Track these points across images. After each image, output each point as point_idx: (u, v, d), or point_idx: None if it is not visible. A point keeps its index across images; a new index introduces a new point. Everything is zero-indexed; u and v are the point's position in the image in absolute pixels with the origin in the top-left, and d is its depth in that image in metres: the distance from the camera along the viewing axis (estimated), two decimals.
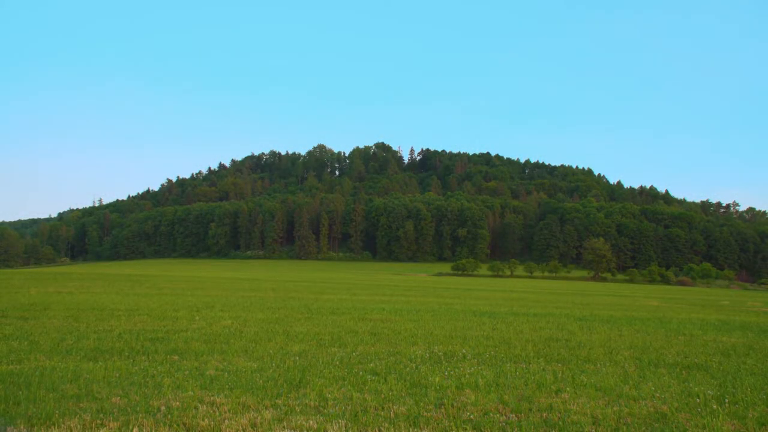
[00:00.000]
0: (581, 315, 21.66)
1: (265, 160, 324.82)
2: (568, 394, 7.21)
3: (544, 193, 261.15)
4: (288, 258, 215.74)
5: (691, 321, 21.03)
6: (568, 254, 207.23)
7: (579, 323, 17.65)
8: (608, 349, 11.56)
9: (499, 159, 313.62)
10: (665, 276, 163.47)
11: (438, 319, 17.33)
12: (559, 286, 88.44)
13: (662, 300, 45.40)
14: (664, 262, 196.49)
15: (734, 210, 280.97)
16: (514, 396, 7.03)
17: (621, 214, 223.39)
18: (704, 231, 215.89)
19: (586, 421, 6.01)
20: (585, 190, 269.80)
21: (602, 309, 27.43)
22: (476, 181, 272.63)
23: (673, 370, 9.36)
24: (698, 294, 76.83)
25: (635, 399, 7.07)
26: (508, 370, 8.85)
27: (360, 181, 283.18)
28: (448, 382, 7.71)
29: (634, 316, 22.23)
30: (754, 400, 7.32)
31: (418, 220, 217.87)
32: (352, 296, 30.95)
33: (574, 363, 9.76)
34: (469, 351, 10.73)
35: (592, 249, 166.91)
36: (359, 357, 9.69)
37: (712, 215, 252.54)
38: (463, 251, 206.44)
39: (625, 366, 9.59)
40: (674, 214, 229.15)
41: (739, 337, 15.36)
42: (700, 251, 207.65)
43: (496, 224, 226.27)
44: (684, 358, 10.80)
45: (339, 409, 6.25)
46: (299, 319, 16.14)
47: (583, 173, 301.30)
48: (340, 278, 77.87)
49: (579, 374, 8.64)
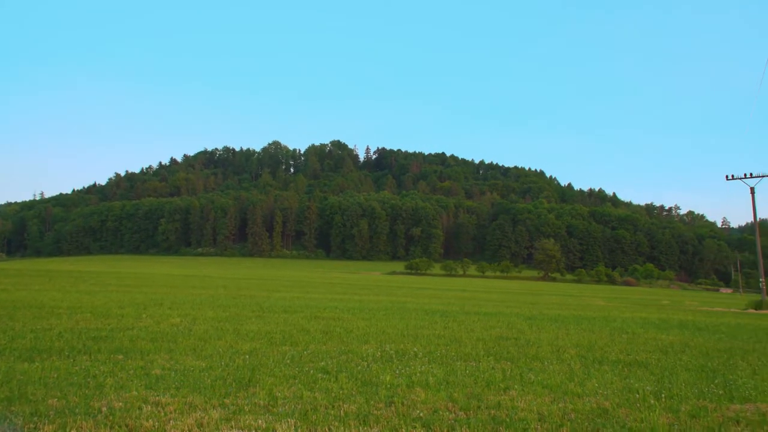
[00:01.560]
0: (531, 314, 22.08)
1: (218, 156, 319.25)
2: (515, 392, 7.33)
3: (497, 194, 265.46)
4: (240, 255, 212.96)
5: (633, 320, 21.71)
6: (520, 254, 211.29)
7: (528, 322, 17.98)
8: (555, 348, 11.81)
9: (454, 159, 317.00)
10: (611, 276, 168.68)
11: (390, 318, 17.38)
12: (510, 285, 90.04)
13: (608, 299, 46.76)
14: (611, 263, 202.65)
15: (675, 213, 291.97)
16: (464, 394, 7.10)
17: (571, 215, 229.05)
18: (648, 233, 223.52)
19: (532, 417, 6.12)
20: (537, 191, 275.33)
21: (551, 308, 28.05)
22: (431, 181, 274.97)
23: (616, 368, 9.64)
24: (641, 294, 79.51)
25: (579, 396, 7.24)
26: (458, 368, 8.93)
27: (315, 178, 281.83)
28: (399, 381, 7.73)
29: (580, 315, 22.80)
30: (688, 394, 7.63)
31: (372, 218, 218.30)
32: (305, 294, 30.76)
33: (523, 361, 9.93)
34: (421, 349, 10.79)
35: (542, 249, 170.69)
36: (310, 355, 9.63)
37: (656, 218, 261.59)
38: (417, 250, 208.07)
39: (571, 364, 9.81)
40: (621, 216, 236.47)
41: (677, 335, 15.95)
42: (644, 252, 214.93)
43: (450, 224, 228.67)
44: (626, 355, 11.14)
45: (289, 407, 6.18)
46: (250, 317, 15.93)
47: (536, 175, 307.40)
48: (293, 276, 77.32)
49: (527, 372, 8.79)
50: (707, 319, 25.44)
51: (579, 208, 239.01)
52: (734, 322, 24.12)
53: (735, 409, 6.92)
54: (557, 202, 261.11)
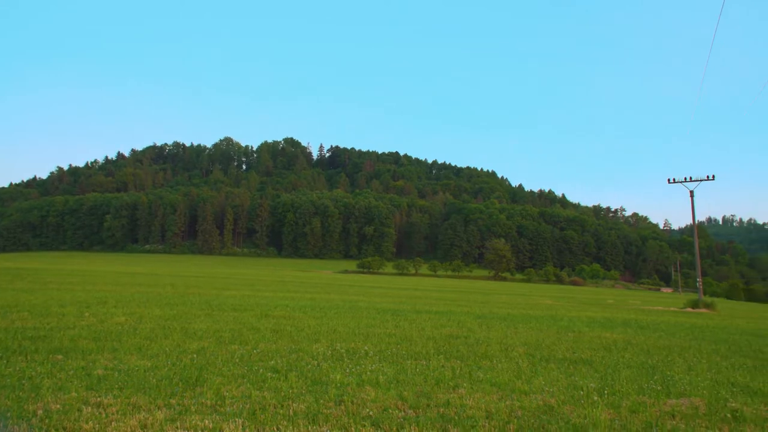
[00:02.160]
0: (481, 313, 22.38)
1: (168, 152, 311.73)
2: (464, 390, 7.41)
3: (449, 194, 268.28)
4: (190, 253, 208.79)
5: (580, 319, 22.28)
6: (471, 254, 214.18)
7: (478, 321, 18.22)
8: (504, 346, 12.00)
9: (408, 159, 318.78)
10: (559, 276, 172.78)
11: (342, 317, 17.33)
12: (462, 284, 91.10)
13: (555, 299, 47.82)
14: (559, 263, 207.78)
15: (621, 215, 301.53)
16: (414, 392, 7.14)
17: (521, 216, 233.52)
18: (595, 234, 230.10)
19: (480, 415, 6.20)
20: (489, 191, 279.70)
21: (500, 307, 28.49)
22: (384, 180, 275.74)
23: (562, 365, 9.86)
24: (587, 293, 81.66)
25: (526, 393, 7.38)
26: (408, 366, 8.97)
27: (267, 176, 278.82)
28: (349, 379, 7.72)
29: (529, 314, 23.24)
30: (629, 390, 7.89)
31: (325, 217, 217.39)
32: (256, 292, 30.36)
33: (472, 359, 10.04)
34: (372, 348, 10.79)
35: (493, 249, 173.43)
36: (260, 354, 9.51)
37: (603, 219, 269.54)
38: (370, 249, 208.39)
39: (519, 362, 9.98)
40: (569, 217, 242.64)
41: (620, 333, 16.44)
42: (591, 253, 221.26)
43: (403, 223, 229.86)
44: (572, 353, 11.41)
45: (237, 407, 6.09)
46: (199, 315, 15.62)
47: (488, 175, 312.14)
48: (243, 274, 76.23)
49: (476, 370, 8.90)
50: (648, 317, 26.32)
51: (529, 209, 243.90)
52: (673, 320, 25.03)
53: (671, 403, 7.19)
54: (508, 202, 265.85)
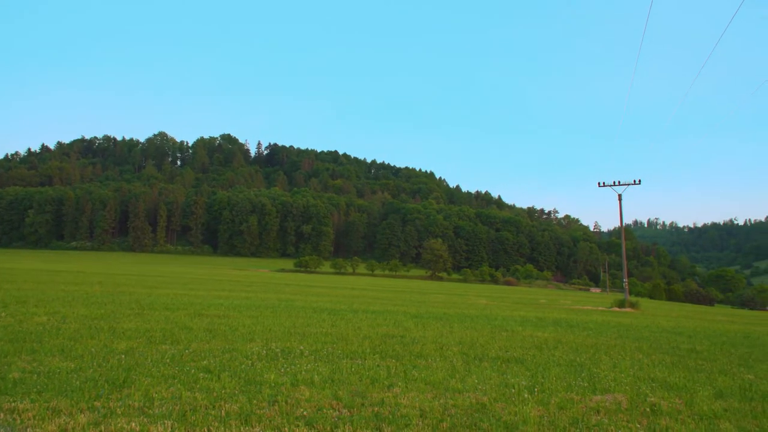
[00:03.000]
0: (417, 312, 22.58)
1: (97, 145, 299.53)
2: (399, 389, 7.45)
3: (388, 194, 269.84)
4: (120, 250, 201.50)
5: (513, 318, 22.81)
6: (409, 253, 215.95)
7: (414, 320, 18.37)
8: (439, 345, 12.13)
9: (347, 158, 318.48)
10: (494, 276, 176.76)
11: (277, 316, 17.13)
12: (399, 284, 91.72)
13: (490, 298, 48.83)
14: (494, 263, 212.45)
15: (554, 217, 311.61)
16: (348, 391, 7.13)
17: (458, 216, 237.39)
18: (529, 235, 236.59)
19: (414, 414, 6.25)
20: (427, 192, 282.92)
21: (437, 307, 28.83)
22: (323, 179, 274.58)
23: (495, 364, 10.07)
24: (521, 293, 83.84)
25: (460, 391, 7.49)
26: (344, 366, 8.95)
27: (203, 172, 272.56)
28: (284, 379, 7.63)
29: (464, 314, 23.62)
30: (558, 387, 8.13)
31: (262, 215, 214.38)
32: (189, 291, 29.60)
33: (407, 358, 10.11)
34: (307, 347, 10.71)
35: (430, 249, 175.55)
36: (192, 354, 9.27)
37: (537, 221, 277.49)
38: (307, 248, 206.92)
39: (454, 361, 10.12)
40: (505, 218, 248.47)
41: (551, 332, 16.95)
42: (525, 253, 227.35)
43: (341, 222, 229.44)
44: (505, 352, 11.66)
45: (166, 409, 5.91)
46: (128, 314, 15.08)
47: (426, 176, 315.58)
48: (177, 272, 74.18)
49: (411, 369, 8.96)
50: (578, 317, 27.24)
51: (466, 210, 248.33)
52: (601, 319, 26.00)
53: (597, 399, 7.46)
54: (446, 203, 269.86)
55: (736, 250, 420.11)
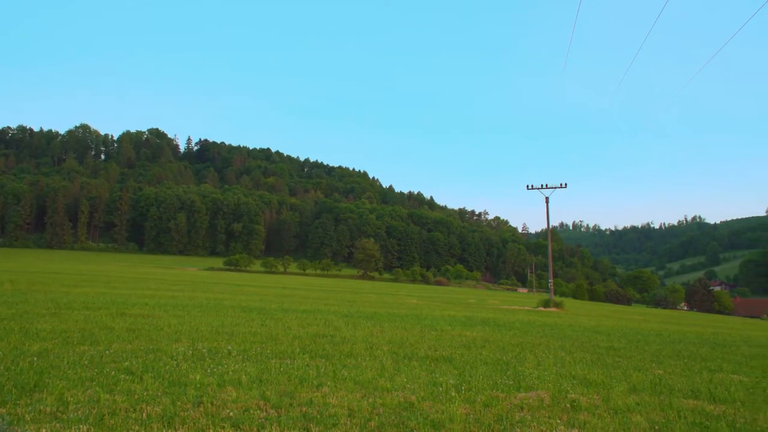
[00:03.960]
0: (348, 312, 22.57)
1: (11, 136, 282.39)
2: (328, 388, 7.42)
3: (321, 193, 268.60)
4: (36, 247, 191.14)
5: (443, 318, 23.17)
6: (341, 253, 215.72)
7: (345, 320, 18.35)
8: (369, 345, 12.17)
9: (279, 156, 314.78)
10: (425, 276, 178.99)
11: (205, 315, 16.73)
12: (330, 283, 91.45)
13: (421, 298, 49.42)
14: (425, 263, 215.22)
15: (484, 218, 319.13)
16: (277, 392, 7.04)
17: (391, 216, 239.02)
18: (460, 236, 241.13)
19: (342, 413, 6.24)
20: (360, 192, 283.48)
21: (368, 306, 28.93)
22: (255, 176, 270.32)
23: (424, 363, 10.19)
24: (451, 293, 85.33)
25: (389, 390, 7.54)
26: (273, 366, 8.84)
27: (129, 167, 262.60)
28: (210, 380, 7.45)
29: (395, 313, 23.79)
30: (484, 385, 8.31)
31: (191, 212, 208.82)
32: (112, 290, 28.45)
33: (337, 358, 10.09)
34: (236, 347, 10.51)
35: (363, 249, 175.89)
36: (113, 355, 8.90)
37: (467, 222, 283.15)
38: (238, 246, 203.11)
39: (383, 360, 10.18)
40: (436, 219, 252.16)
41: (479, 332, 17.33)
42: (456, 254, 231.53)
43: (273, 220, 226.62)
44: (434, 351, 11.82)
45: (82, 413, 5.65)
46: (43, 314, 14.32)
47: (359, 175, 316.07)
48: (98, 270, 71.15)
49: (341, 369, 8.95)
50: (506, 316, 27.97)
51: (399, 210, 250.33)
52: (527, 319, 26.80)
53: (521, 397, 7.68)
54: (379, 203, 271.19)
55: (652, 252, 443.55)
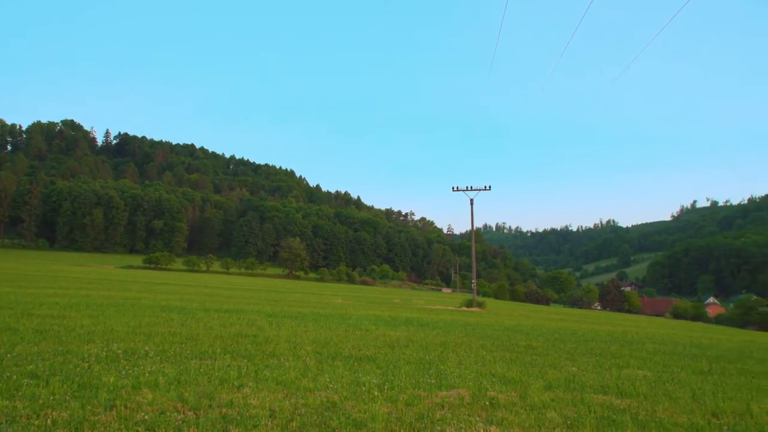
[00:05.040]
0: (272, 311, 22.27)
1: None
2: (249, 389, 7.29)
3: (246, 190, 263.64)
4: None
5: (367, 317, 23.26)
6: (266, 252, 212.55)
7: (269, 319, 18.10)
8: (293, 344, 12.06)
9: (204, 152, 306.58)
10: (351, 276, 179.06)
11: (122, 315, 16.05)
12: (255, 282, 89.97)
13: (346, 298, 49.40)
14: (352, 263, 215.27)
15: (411, 218, 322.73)
16: (195, 393, 6.85)
17: (318, 216, 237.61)
18: (386, 236, 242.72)
19: (263, 414, 6.15)
20: (286, 190, 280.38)
21: (292, 306, 28.65)
22: (178, 172, 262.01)
23: (348, 362, 10.19)
24: (377, 292, 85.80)
25: (311, 390, 7.49)
26: (192, 366, 8.60)
27: (40, 160, 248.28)
28: (125, 382, 7.15)
29: (320, 313, 23.68)
30: (406, 385, 8.40)
31: (109, 208, 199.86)
32: (17, 289, 26.81)
33: (260, 358, 9.94)
34: (153, 348, 10.15)
35: (288, 248, 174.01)
36: (16, 359, 8.38)
37: (394, 222, 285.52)
38: (158, 244, 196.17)
39: (307, 360, 10.10)
40: (363, 219, 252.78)
41: (404, 331, 17.51)
42: (382, 254, 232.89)
43: (196, 218, 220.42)
44: (358, 351, 11.84)
45: None
46: None
47: (286, 174, 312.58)
48: (3, 268, 66.92)
49: (263, 369, 8.82)
50: (429, 316, 28.40)
51: (326, 209, 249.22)
52: (450, 318, 27.32)
53: (442, 395, 7.81)
54: (306, 202, 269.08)
55: (570, 254, 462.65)
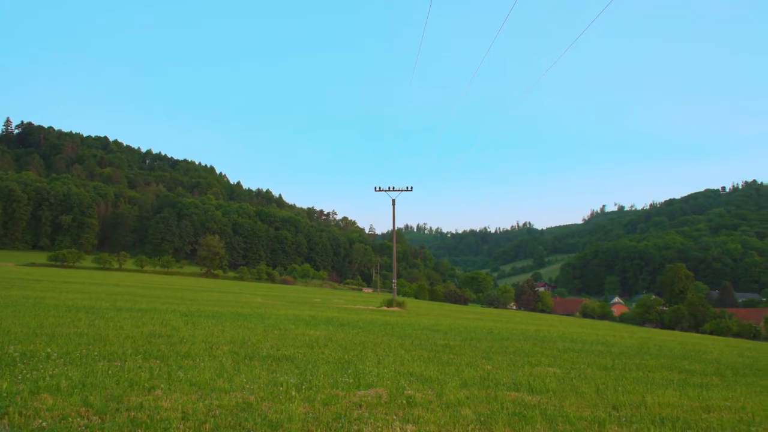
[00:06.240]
0: (188, 311, 21.64)
1: None
2: (161, 391, 7.02)
3: (163, 186, 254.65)
4: None
5: (287, 317, 23.00)
6: (183, 249, 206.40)
7: (185, 319, 17.56)
8: (209, 344, 11.75)
9: (118, 145, 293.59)
10: (271, 275, 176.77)
11: (21, 315, 15.08)
12: (171, 281, 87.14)
13: (266, 297, 48.69)
14: (272, 262, 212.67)
15: (333, 218, 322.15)
16: (102, 396, 6.51)
17: (238, 213, 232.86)
18: (308, 235, 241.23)
19: (175, 416, 5.94)
20: (206, 186, 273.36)
21: (210, 305, 27.95)
22: (89, 166, 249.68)
23: (265, 362, 10.02)
24: (297, 292, 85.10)
25: (227, 391, 7.30)
26: (99, 369, 8.18)
27: None
28: (21, 387, 6.70)
29: (238, 312, 23.21)
30: (325, 384, 8.36)
31: (9, 201, 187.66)
32: None
33: (173, 359, 9.61)
34: (56, 350, 9.58)
35: (207, 246, 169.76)
36: None
37: (316, 221, 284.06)
38: (66, 240, 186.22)
39: (223, 360, 9.86)
40: (284, 217, 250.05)
41: (323, 331, 17.43)
42: (303, 253, 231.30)
43: (109, 214, 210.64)
44: (276, 350, 11.68)
45: None
46: None
47: (205, 170, 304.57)
48: None
49: (176, 370, 8.52)
50: (350, 316, 28.43)
51: (246, 207, 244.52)
52: (370, 318, 27.46)
53: (360, 395, 7.82)
54: (226, 199, 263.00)
55: (488, 255, 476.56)
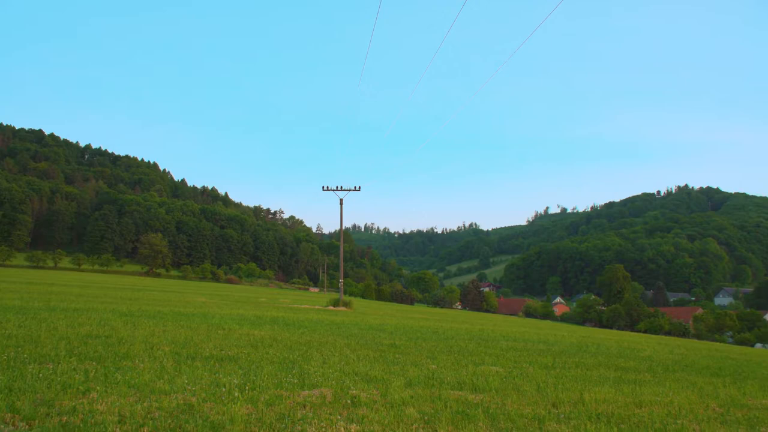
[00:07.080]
0: (128, 310, 21.00)
1: None
2: (97, 394, 6.78)
3: (103, 182, 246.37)
4: None
5: (231, 316, 22.60)
6: (124, 248, 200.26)
7: (123, 319, 17.03)
8: (150, 345, 11.44)
9: (54, 139, 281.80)
10: (216, 274, 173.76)
11: None
12: (111, 280, 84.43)
13: (210, 296, 47.75)
14: (217, 261, 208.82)
15: (280, 217, 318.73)
16: (31, 401, 6.23)
17: (182, 211, 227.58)
18: (254, 234, 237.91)
19: (112, 420, 5.74)
20: (149, 183, 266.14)
21: (151, 305, 27.21)
22: (22, 160, 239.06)
23: (208, 363, 9.82)
24: (242, 291, 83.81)
25: (167, 393, 7.12)
26: (29, 372, 7.83)
27: None
28: None
29: (180, 312, 22.69)
30: (268, 384, 8.26)
31: None
32: None
33: (111, 360, 9.30)
34: None
35: (149, 244, 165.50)
36: None
37: (262, 220, 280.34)
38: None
39: (164, 361, 9.61)
40: (230, 216, 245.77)
41: (268, 330, 17.22)
42: (249, 252, 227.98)
43: (43, 210, 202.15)
44: (220, 351, 11.46)
45: None
46: None
47: (148, 167, 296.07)
48: None
49: (114, 372, 8.25)
50: (295, 315, 28.17)
51: (191, 205, 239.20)
52: (316, 318, 27.29)
53: (305, 395, 7.76)
54: (169, 196, 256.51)
55: (435, 255, 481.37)
